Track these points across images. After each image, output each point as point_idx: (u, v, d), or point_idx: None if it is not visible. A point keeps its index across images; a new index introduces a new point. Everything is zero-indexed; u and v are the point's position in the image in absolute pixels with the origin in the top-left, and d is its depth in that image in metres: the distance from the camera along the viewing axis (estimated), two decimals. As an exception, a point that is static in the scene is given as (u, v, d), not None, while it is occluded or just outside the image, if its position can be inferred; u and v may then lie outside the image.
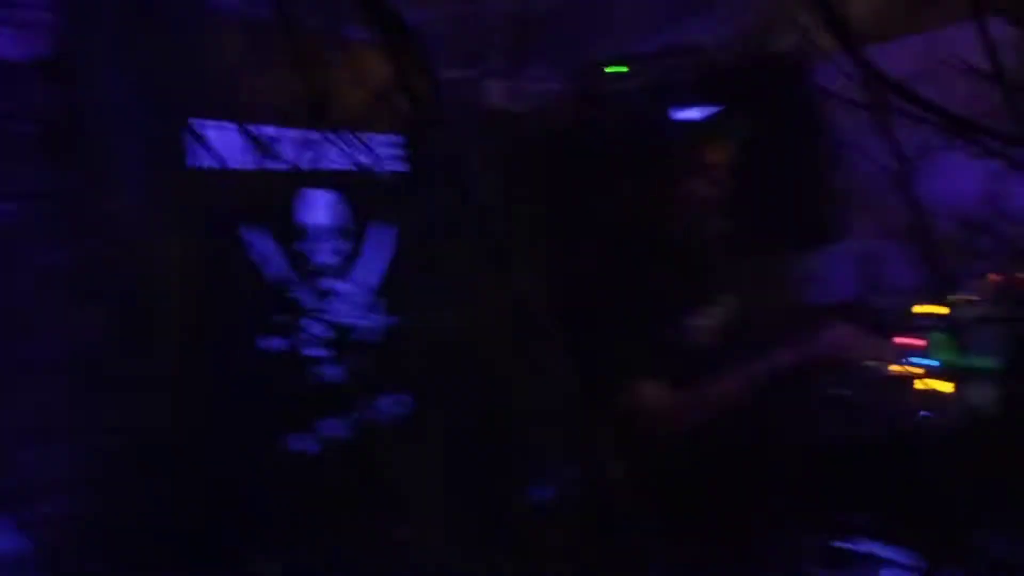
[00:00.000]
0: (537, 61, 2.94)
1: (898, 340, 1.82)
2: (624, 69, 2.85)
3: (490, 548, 2.16)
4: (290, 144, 2.00)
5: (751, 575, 1.22)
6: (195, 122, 1.79)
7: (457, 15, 2.69)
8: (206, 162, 1.78)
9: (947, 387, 1.57)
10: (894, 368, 1.71)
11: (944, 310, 2.08)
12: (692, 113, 1.69)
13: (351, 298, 2.15)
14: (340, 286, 2.12)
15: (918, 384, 1.58)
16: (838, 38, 0.93)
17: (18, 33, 1.58)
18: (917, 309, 2.03)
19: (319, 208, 2.09)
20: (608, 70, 2.87)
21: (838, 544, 1.23)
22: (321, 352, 2.03)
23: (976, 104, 1.22)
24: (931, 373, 1.65)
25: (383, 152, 2.32)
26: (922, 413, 1.44)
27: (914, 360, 1.73)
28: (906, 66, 1.34)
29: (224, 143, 1.82)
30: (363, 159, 2.24)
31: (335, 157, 2.15)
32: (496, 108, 2.74)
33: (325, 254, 2.09)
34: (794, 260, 3.24)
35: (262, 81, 1.78)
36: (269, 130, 1.88)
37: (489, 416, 2.31)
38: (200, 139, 1.77)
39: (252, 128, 1.86)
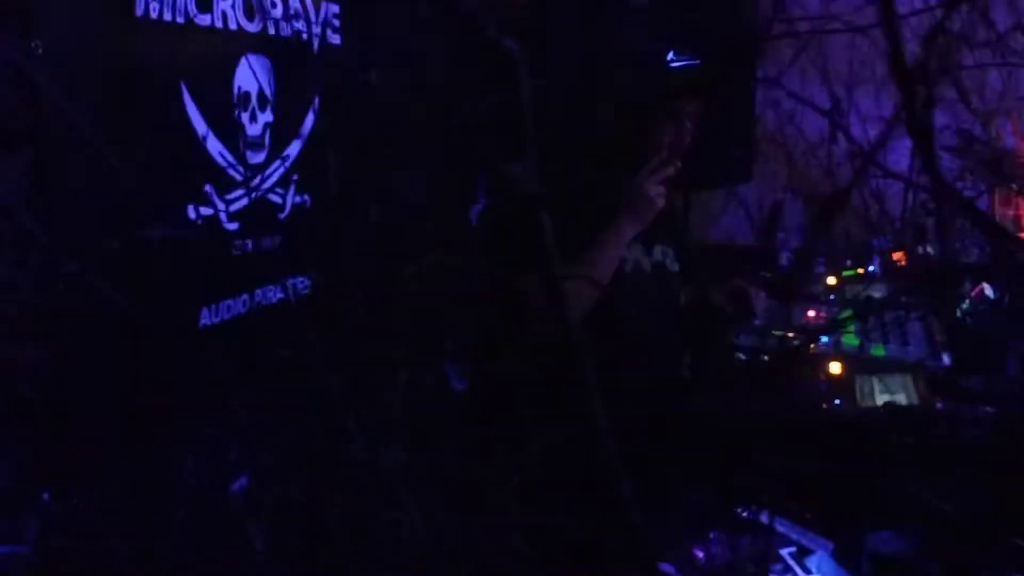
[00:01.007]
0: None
1: (808, 313, 1.92)
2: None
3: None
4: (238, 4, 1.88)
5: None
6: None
7: None
8: (144, 11, 1.65)
9: (838, 370, 1.67)
10: (796, 339, 1.81)
11: (834, 281, 2.19)
12: (679, 61, 1.70)
13: (274, 173, 2.08)
14: (265, 159, 2.04)
15: (817, 362, 1.69)
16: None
17: None
18: (829, 279, 2.13)
19: (255, 75, 1.98)
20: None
21: (734, 510, 1.32)
22: (237, 226, 1.97)
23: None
24: (828, 352, 1.75)
25: (325, 21, 2.21)
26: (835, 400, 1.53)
27: (818, 335, 1.83)
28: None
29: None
30: (302, 26, 2.13)
31: (276, 21, 2.03)
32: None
33: (256, 125, 2.00)
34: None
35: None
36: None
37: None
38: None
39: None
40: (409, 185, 2.57)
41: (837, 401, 1.54)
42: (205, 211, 1.87)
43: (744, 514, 1.30)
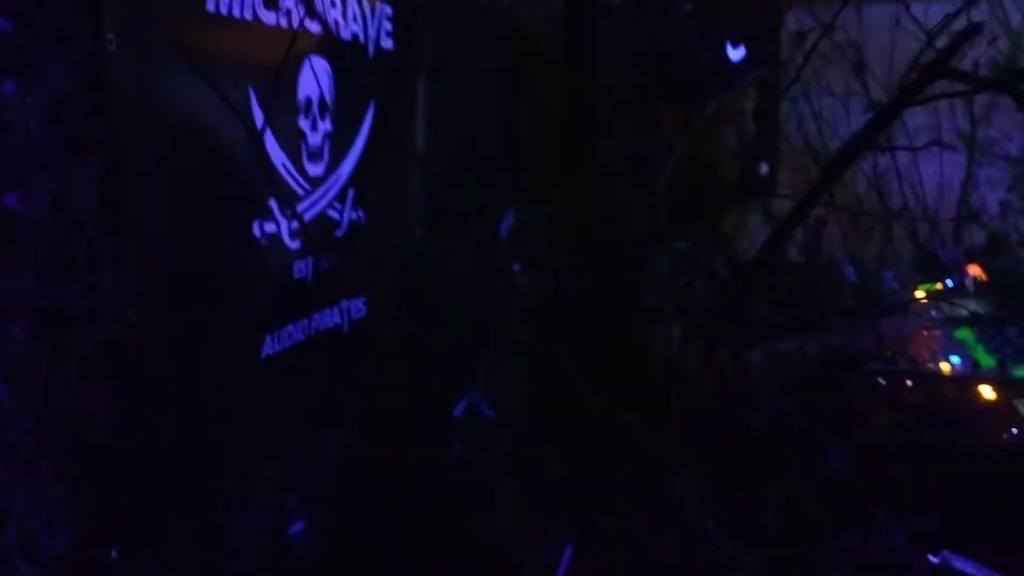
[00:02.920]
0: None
1: (921, 332, 1.79)
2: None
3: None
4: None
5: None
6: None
7: None
8: (215, 6, 1.47)
9: (992, 395, 1.52)
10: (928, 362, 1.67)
11: (923, 298, 2.07)
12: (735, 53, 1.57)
13: (332, 187, 1.90)
14: (324, 172, 1.87)
15: (965, 386, 1.55)
16: None
17: None
18: (918, 295, 2.01)
19: (317, 80, 1.80)
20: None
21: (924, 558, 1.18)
22: (298, 244, 1.78)
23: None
24: (970, 376, 1.60)
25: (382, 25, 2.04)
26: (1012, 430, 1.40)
27: (945, 355, 1.70)
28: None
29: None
30: (359, 28, 1.97)
31: (335, 21, 1.86)
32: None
33: (316, 134, 1.82)
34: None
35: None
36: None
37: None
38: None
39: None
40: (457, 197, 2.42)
41: (1014, 430, 1.40)
42: (269, 228, 1.69)
43: (935, 560, 1.15)
